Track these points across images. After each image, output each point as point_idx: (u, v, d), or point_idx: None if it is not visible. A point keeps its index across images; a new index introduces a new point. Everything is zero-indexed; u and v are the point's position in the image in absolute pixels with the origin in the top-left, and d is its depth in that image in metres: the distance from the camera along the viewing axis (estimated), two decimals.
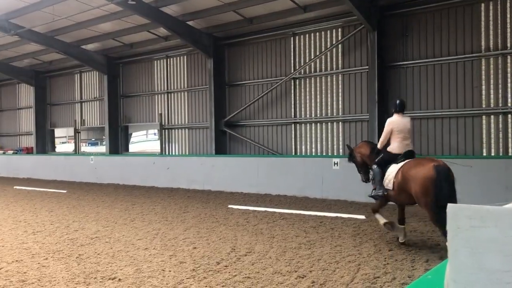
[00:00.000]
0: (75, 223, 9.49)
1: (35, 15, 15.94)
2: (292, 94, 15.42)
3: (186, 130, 18.58)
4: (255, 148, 16.24)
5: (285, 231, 8.26)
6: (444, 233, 5.20)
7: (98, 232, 8.43)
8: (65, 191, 15.65)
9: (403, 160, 6.66)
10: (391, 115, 7.17)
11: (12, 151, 25.49)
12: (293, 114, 15.30)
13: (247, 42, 16.43)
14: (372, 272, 5.73)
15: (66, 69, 22.91)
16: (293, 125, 15.40)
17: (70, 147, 23.82)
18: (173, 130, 19.08)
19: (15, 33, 16.59)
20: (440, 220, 5.58)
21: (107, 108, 20.23)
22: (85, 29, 17.05)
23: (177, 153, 18.88)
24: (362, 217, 9.60)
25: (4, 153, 25.36)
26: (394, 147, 6.92)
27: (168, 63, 18.99)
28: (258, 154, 15.96)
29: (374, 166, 7.11)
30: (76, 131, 22.92)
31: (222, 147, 16.78)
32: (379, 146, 7.25)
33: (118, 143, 20.54)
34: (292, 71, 15.23)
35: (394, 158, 6.85)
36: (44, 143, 24.21)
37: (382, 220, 7.10)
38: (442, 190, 5.79)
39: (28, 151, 24.70)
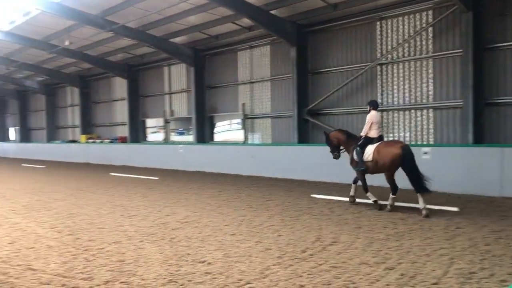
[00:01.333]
0: (166, 208, 9.99)
1: (128, 11, 16.86)
2: (379, 81, 14.91)
3: (269, 119, 18.72)
4: None
5: (371, 222, 8.06)
6: (394, 191, 8.97)
7: (188, 217, 8.80)
8: (156, 178, 16.51)
9: (377, 142, 9.27)
10: (368, 111, 9.67)
11: (108, 140, 27.38)
12: (379, 101, 14.82)
13: (331, 29, 16.12)
14: (467, 267, 5.41)
15: (156, 62, 24.05)
16: (379, 113, 14.89)
17: (160, 136, 25.08)
18: (256, 120, 19.32)
19: (110, 29, 17.68)
20: (416, 182, 8.48)
21: (194, 99, 20.97)
22: (174, 23, 17.74)
23: (260, 142, 19.12)
24: (455, 209, 9.09)
25: (101, 142, 27.31)
26: (372, 134, 9.49)
27: (252, 53, 19.20)
28: None
29: (358, 148, 9.44)
30: (166, 121, 24.04)
31: (304, 136, 16.71)
32: (363, 133, 9.60)
33: (204, 132, 21.24)
34: (378, 57, 14.71)
35: (371, 141, 9.40)
36: (137, 133, 25.70)
37: (372, 197, 9.41)
38: (407, 162, 8.56)
39: (123, 140, 26.37)
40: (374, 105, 9.77)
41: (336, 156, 10.34)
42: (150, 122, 25.86)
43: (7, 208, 10.32)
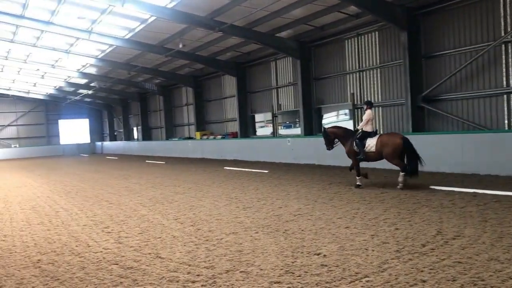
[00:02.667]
0: (278, 200, 10.15)
1: (235, 11, 17.38)
2: (503, 61, 13.57)
3: (380, 108, 18.07)
4: (458, 124, 14.89)
5: (500, 215, 7.38)
6: (403, 169, 10.63)
7: (300, 210, 8.85)
8: (266, 171, 16.87)
9: (374, 135, 11.14)
10: (365, 110, 11.50)
11: (220, 136, 28.61)
12: (504, 83, 13.50)
13: (445, 9, 15.05)
14: None
15: (262, 58, 24.51)
16: (505, 95, 13.60)
17: (267, 130, 25.55)
18: None
19: (219, 29, 18.38)
20: (412, 165, 10.60)
21: (301, 91, 20.99)
22: (279, 18, 17.90)
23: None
24: None
25: (214, 138, 28.63)
26: (368, 128, 11.25)
27: (359, 41, 18.67)
28: (462, 131, 14.59)
29: (357, 141, 11.25)
30: (274, 115, 24.42)
31: (419, 124, 15.83)
32: (360, 128, 11.45)
33: (312, 125, 21.17)
34: (503, 35, 13.39)
35: (368, 135, 11.17)
36: (247, 128, 26.48)
37: (359, 182, 11.39)
38: (408, 149, 10.57)
39: (233, 135, 27.39)
40: (370, 105, 11.64)
41: (330, 149, 12.27)
42: (258, 117, 26.47)
43: (135, 201, 11.28)
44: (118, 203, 11.03)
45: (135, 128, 45.23)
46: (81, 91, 41.53)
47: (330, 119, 21.25)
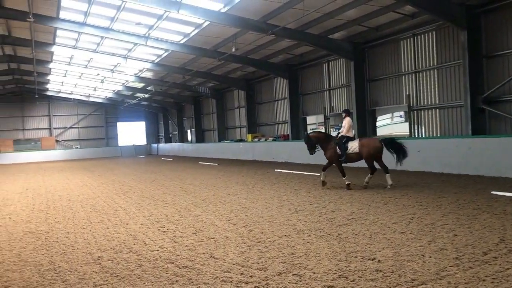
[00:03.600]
0: (331, 204, 10.04)
1: (287, 13, 17.41)
2: None
3: (437, 110, 17.48)
4: None
5: None
6: (372, 172, 12.23)
7: (354, 214, 8.71)
8: (318, 174, 16.69)
9: (354, 139, 12.40)
10: (344, 118, 12.69)
11: (271, 138, 28.70)
12: None
13: (507, 6, 14.33)
14: None
15: (315, 59, 24.38)
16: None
17: None
18: (422, 111, 18.22)
19: (272, 32, 18.46)
20: (372, 168, 12.19)
21: (354, 93, 20.69)
22: (332, 19, 17.75)
23: (427, 135, 17.96)
24: None
25: (265, 140, 28.75)
26: (349, 134, 12.42)
27: (415, 41, 18.17)
28: None
29: (341, 144, 12.31)
30: (326, 118, 24.20)
31: (480, 127, 15.16)
32: (344, 134, 12.40)
33: (366, 127, 20.79)
34: None
35: (349, 139, 12.29)
36: (298, 130, 26.40)
37: (347, 181, 12.37)
38: (389, 145, 12.16)
39: (285, 137, 27.38)
40: (348, 113, 12.92)
41: (313, 153, 12.96)
42: (310, 119, 26.32)
43: (189, 201, 11.53)
44: (173, 203, 11.32)
45: (189, 131, 46.29)
46: (138, 94, 43.05)
47: (384, 121, 20.79)
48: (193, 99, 41.67)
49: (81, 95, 47.70)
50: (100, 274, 5.69)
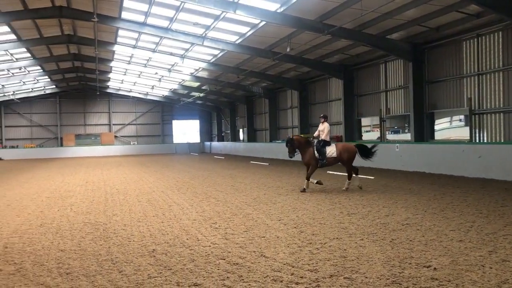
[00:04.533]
0: (385, 208, 9.79)
1: (344, 13, 17.17)
2: None
3: (501, 114, 16.64)
4: None
5: None
6: (356, 173, 13.10)
7: (408, 219, 8.45)
8: (372, 177, 16.38)
9: (330, 144, 12.97)
10: (322, 123, 13.23)
11: None
12: None
13: None
14: None
15: (371, 60, 23.89)
16: None
17: (374, 135, 24.80)
18: (484, 115, 17.40)
19: (328, 32, 18.26)
20: (355, 170, 12.97)
21: (412, 95, 20.08)
22: (390, 19, 17.33)
23: (489, 140, 17.12)
24: None
25: None
26: (327, 138, 13.01)
27: (479, 42, 17.38)
28: None
29: (320, 148, 12.74)
30: (381, 120, 23.63)
31: None
32: (324, 138, 12.92)
33: (423, 131, 20.12)
34: None
35: (327, 143, 12.87)
36: (352, 132, 25.95)
37: (314, 180, 12.92)
38: (362, 152, 13.12)
39: (338, 139, 26.96)
40: (326, 118, 13.49)
41: (292, 156, 13.10)
42: (365, 121, 25.81)
43: (241, 200, 11.63)
44: (224, 201, 11.47)
45: (241, 130, 46.74)
46: (193, 93, 43.95)
47: (442, 125, 20.04)
48: (246, 99, 42.02)
49: (139, 93, 49.42)
50: (155, 266, 5.86)
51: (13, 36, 24.81)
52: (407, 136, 21.28)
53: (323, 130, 13.09)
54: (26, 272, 5.73)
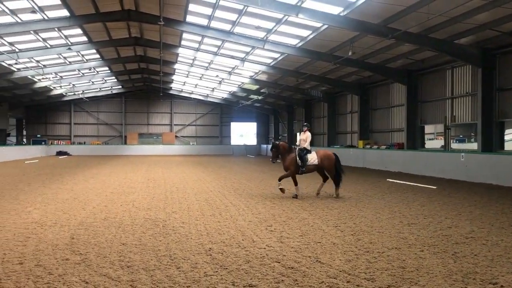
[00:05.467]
0: (447, 219, 9.38)
1: (409, 17, 16.66)
2: None
3: None
4: None
5: None
6: (337, 183, 13.19)
7: (473, 233, 8.04)
8: (434, 187, 15.75)
9: (310, 152, 13.15)
10: (304, 132, 13.47)
11: (384, 146, 27.66)
12: None
13: None
14: None
15: (437, 65, 23.01)
16: None
17: (437, 143, 23.85)
18: None
19: (392, 36, 17.79)
20: (337, 177, 13.13)
21: (480, 103, 19.11)
22: (459, 23, 16.60)
23: None
24: None
25: (377, 148, 27.80)
26: (307, 146, 13.18)
27: None
28: None
29: (302, 155, 12.94)
30: (446, 128, 22.67)
31: None
32: (306, 146, 13.14)
33: (492, 140, 19.07)
34: None
35: (309, 151, 13.11)
36: (414, 139, 25.06)
37: (298, 191, 13.03)
38: (339, 163, 13.24)
39: (399, 146, 26.21)
40: (309, 127, 13.74)
41: (275, 162, 13.51)
42: (428, 128, 24.91)
43: (297, 204, 11.57)
44: (280, 204, 11.46)
45: (298, 133, 46.53)
46: (252, 96, 44.34)
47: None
48: (304, 102, 41.80)
49: (200, 95, 50.56)
50: (211, 264, 5.95)
51: (84, 38, 26.23)
52: (474, 146, 20.29)
53: (305, 139, 13.30)
54: (91, 263, 6.02)
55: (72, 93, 45.61)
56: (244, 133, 57.43)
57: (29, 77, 34.02)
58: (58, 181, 17.43)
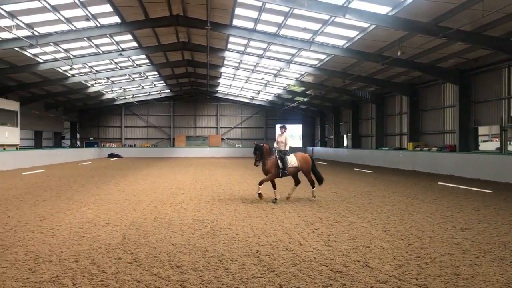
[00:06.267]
0: (504, 225, 8.94)
1: (462, 15, 16.09)
2: None
3: None
4: None
5: None
6: (313, 185, 13.09)
7: None
8: (490, 191, 15.07)
9: (289, 154, 12.82)
10: (281, 134, 13.17)
11: (435, 149, 26.77)
12: None
13: None
14: None
15: (492, 64, 22.06)
16: None
17: (492, 145, 22.82)
18: None
19: (443, 35, 17.22)
20: (318, 177, 13.18)
21: None
22: None
23: None
24: None
25: (428, 150, 26.93)
26: (287, 148, 12.86)
27: None
28: None
29: (283, 157, 12.58)
30: (502, 129, 21.64)
31: None
32: (287, 148, 12.83)
33: None
34: None
35: (288, 153, 12.79)
36: (467, 141, 24.10)
37: (260, 191, 12.44)
38: (315, 165, 13.28)
39: (451, 148, 25.29)
40: (285, 129, 13.40)
41: (258, 164, 12.68)
42: (482, 129, 23.91)
43: (344, 207, 11.40)
44: (327, 207, 11.33)
45: (345, 135, 45.93)
46: (297, 98, 44.18)
47: None
48: (351, 104, 41.19)
49: (245, 98, 50.95)
50: (258, 266, 5.96)
51: (134, 44, 27.07)
52: None
53: (282, 141, 12.86)
54: (142, 262, 6.18)
55: (123, 97, 47.22)
56: (288, 135, 57.37)
57: (83, 82, 35.53)
58: (110, 183, 18.04)
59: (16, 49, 23.24)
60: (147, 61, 32.59)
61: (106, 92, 42.79)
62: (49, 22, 20.73)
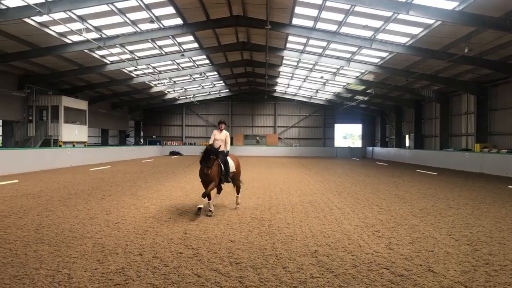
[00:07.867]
0: None
1: None
2: None
3: None
4: None
5: None
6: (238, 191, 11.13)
7: None
8: None
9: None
10: (221, 130, 10.81)
11: (506, 150, 25.32)
12: None
13: None
14: None
15: None
16: None
17: None
18: None
19: None
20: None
21: None
22: None
23: None
24: None
25: (497, 152, 25.53)
26: (228, 149, 10.78)
27: None
28: None
29: (226, 161, 10.36)
30: None
31: None
32: (228, 149, 10.77)
33: None
34: None
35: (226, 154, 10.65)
36: None
37: (201, 203, 9.69)
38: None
39: None
40: (225, 124, 10.96)
41: (209, 173, 9.68)
42: None
43: (405, 209, 11.05)
44: (388, 209, 11.03)
45: (407, 136, 44.51)
46: (357, 97, 43.36)
47: None
48: (414, 103, 39.84)
49: (303, 97, 50.69)
50: (317, 267, 5.93)
51: (196, 45, 27.73)
52: None
53: (222, 139, 10.65)
54: (202, 257, 6.33)
55: (184, 97, 48.58)
56: (347, 134, 56.38)
57: (146, 82, 36.89)
58: (171, 179, 18.61)
59: (86, 51, 24.53)
60: (207, 61, 33.27)
61: (168, 92, 44.18)
62: (116, 24, 21.71)
